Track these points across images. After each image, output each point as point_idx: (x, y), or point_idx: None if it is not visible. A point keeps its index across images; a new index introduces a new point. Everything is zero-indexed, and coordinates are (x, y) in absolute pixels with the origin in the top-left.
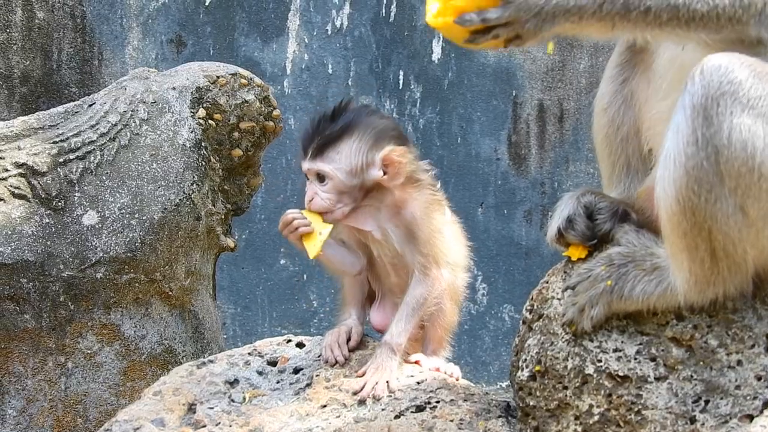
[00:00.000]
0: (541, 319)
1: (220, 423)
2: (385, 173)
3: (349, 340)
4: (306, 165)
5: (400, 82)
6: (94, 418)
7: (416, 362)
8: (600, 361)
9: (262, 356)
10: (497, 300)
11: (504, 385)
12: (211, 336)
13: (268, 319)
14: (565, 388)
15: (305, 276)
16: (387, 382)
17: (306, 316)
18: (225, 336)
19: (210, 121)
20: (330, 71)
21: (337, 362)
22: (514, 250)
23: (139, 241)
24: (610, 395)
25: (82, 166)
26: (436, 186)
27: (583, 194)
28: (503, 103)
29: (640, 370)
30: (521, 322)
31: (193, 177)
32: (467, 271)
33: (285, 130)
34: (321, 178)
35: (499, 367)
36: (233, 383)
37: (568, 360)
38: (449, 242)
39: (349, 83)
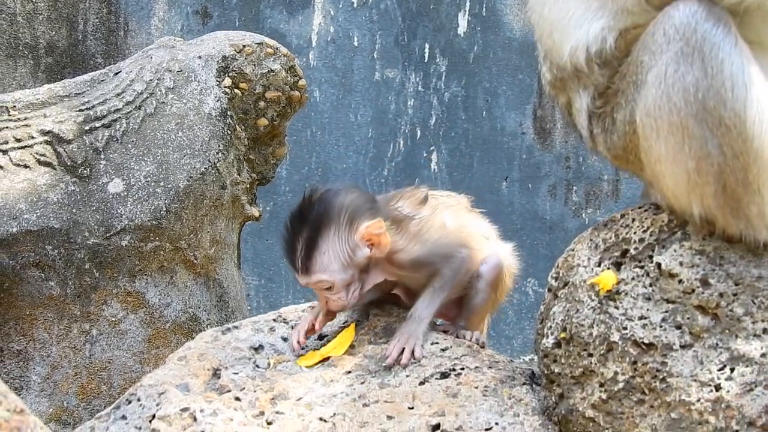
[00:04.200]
0: (566, 287)
1: (244, 388)
2: (371, 247)
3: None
4: (303, 280)
5: (426, 55)
6: (118, 385)
7: (444, 330)
8: (625, 328)
9: (286, 323)
10: (521, 274)
11: (527, 359)
12: (236, 305)
13: (292, 291)
14: (590, 355)
15: None
16: (413, 350)
17: None
18: (249, 307)
19: (236, 90)
20: (355, 44)
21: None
22: (538, 224)
23: (164, 209)
24: (635, 362)
25: (107, 134)
26: (421, 210)
27: None
28: (529, 77)
29: (666, 337)
30: (546, 290)
31: (219, 146)
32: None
33: (310, 102)
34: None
35: (523, 341)
36: (258, 349)
37: (593, 327)
38: (461, 237)
39: (375, 56)
